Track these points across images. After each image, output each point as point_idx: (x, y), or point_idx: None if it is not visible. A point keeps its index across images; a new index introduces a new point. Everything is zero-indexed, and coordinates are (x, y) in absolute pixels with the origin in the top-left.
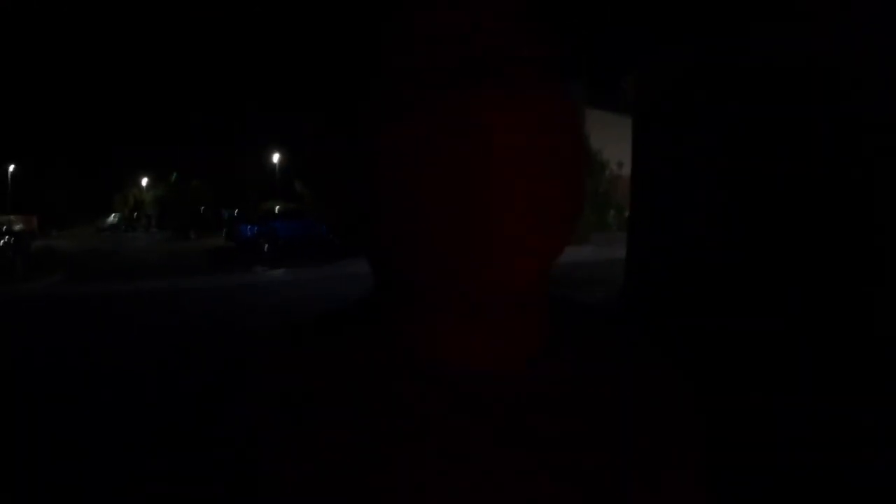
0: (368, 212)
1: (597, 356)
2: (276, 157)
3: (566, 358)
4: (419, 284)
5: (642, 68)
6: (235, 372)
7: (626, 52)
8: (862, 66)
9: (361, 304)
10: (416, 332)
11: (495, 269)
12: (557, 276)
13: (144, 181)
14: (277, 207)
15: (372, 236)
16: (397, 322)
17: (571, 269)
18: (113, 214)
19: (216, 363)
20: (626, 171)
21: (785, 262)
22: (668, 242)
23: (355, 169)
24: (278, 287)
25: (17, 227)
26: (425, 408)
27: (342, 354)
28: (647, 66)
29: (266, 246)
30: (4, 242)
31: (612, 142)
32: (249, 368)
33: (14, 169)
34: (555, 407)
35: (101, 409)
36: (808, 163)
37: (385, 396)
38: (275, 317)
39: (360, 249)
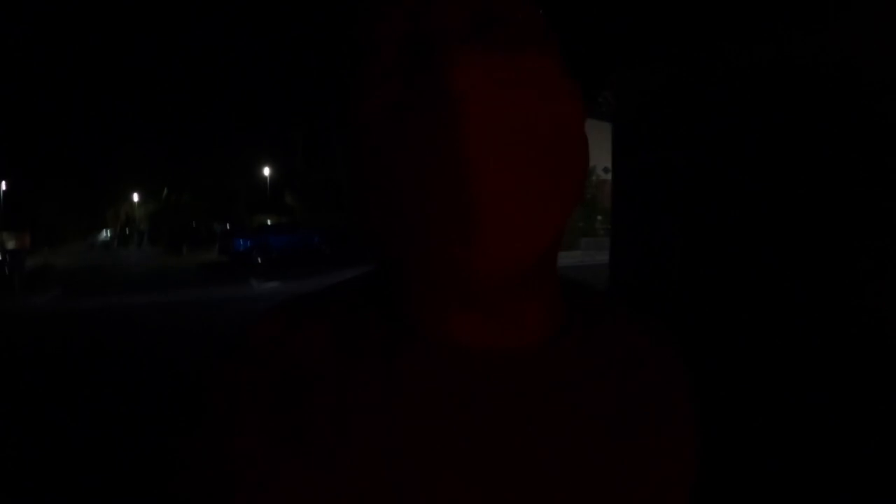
0: (354, 190)
1: (610, 334)
2: (266, 171)
3: (583, 336)
4: (410, 264)
5: (618, 82)
6: (227, 349)
7: (603, 65)
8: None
9: (364, 279)
10: (417, 309)
11: (483, 248)
12: None
13: (135, 197)
14: (270, 221)
15: (360, 215)
16: (398, 298)
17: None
18: (104, 230)
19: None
20: None
21: (758, 264)
22: (647, 247)
23: (341, 144)
24: (277, 298)
25: (11, 244)
26: (425, 385)
27: (340, 328)
28: (622, 81)
29: (260, 259)
30: (0, 259)
31: (599, 147)
32: (239, 346)
33: (5, 186)
34: (571, 384)
35: (109, 406)
36: (776, 168)
37: (383, 373)
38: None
39: (353, 259)
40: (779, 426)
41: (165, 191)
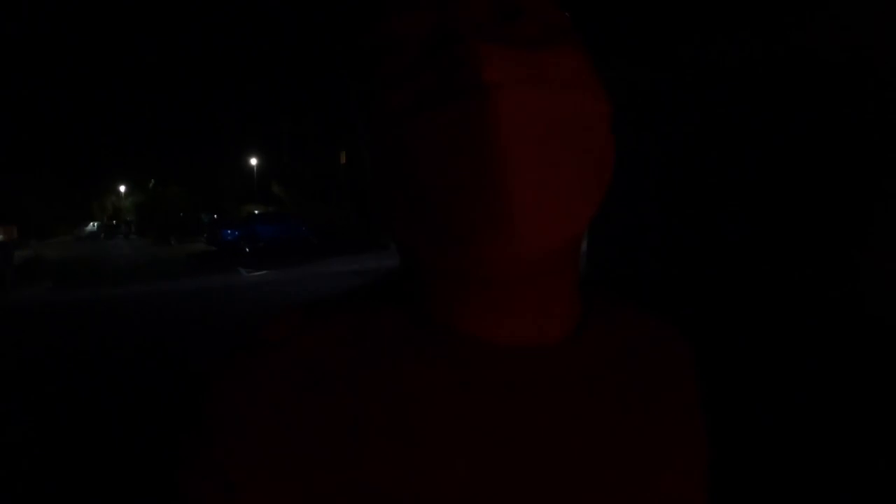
0: (379, 184)
1: (623, 328)
2: (253, 161)
3: (600, 330)
4: (437, 259)
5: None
6: (238, 346)
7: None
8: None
9: (382, 282)
10: (443, 306)
11: (512, 240)
12: None
13: (122, 188)
14: (257, 210)
15: (385, 210)
16: (422, 296)
17: None
18: (92, 222)
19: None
20: None
21: (742, 256)
22: (625, 238)
23: (366, 139)
24: (266, 286)
25: None
26: (452, 382)
27: (360, 328)
28: (604, 75)
29: (247, 248)
30: None
31: None
32: (251, 343)
33: None
34: (594, 377)
35: (115, 398)
36: (762, 159)
37: (408, 371)
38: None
39: (341, 249)
40: (769, 423)
41: (152, 182)
